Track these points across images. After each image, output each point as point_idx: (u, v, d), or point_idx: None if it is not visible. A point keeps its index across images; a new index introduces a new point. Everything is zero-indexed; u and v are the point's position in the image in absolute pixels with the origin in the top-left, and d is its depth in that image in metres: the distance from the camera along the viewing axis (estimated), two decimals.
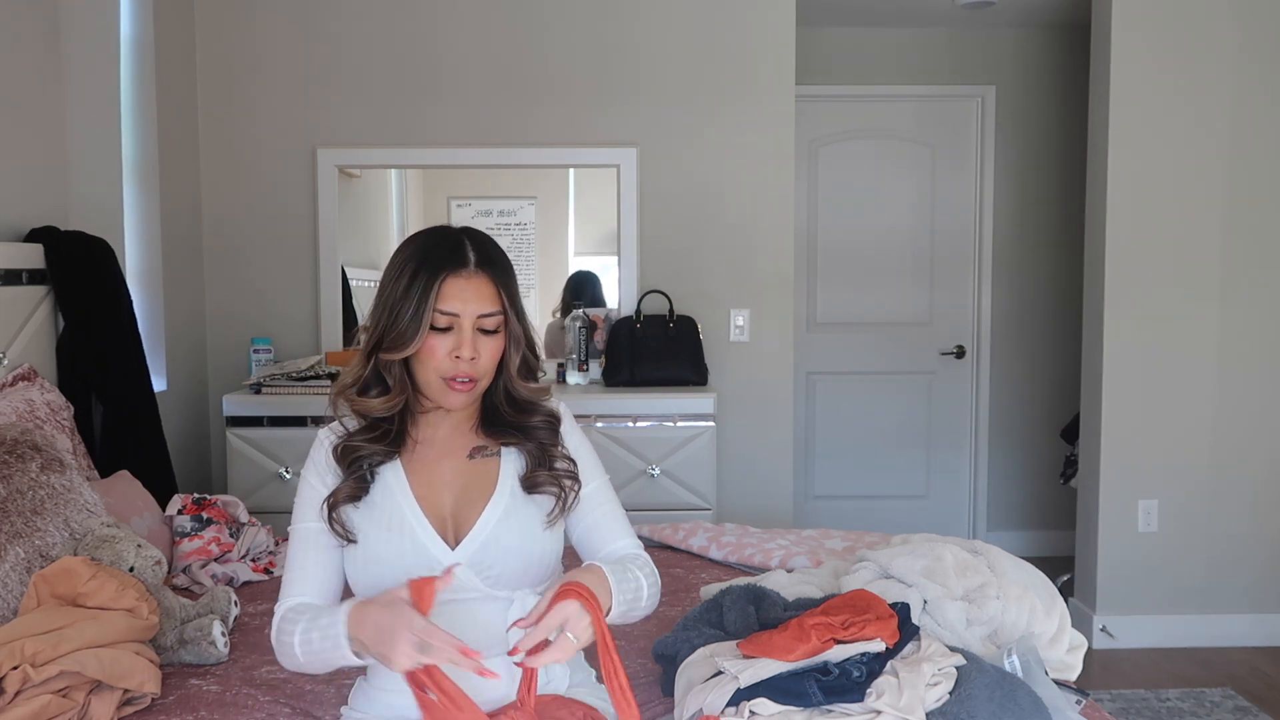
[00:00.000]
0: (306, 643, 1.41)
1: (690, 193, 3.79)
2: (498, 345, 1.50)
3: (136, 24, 3.27)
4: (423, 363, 1.48)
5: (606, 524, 1.59)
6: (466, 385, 1.48)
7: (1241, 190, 3.64)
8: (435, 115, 3.73)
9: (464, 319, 1.46)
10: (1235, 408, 3.69)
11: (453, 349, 1.46)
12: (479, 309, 1.47)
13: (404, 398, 1.51)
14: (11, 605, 1.91)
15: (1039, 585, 1.84)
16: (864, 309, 4.76)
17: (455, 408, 1.52)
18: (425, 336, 1.45)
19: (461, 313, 1.46)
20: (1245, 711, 3.19)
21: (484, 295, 1.48)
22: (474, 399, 1.53)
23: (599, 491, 1.60)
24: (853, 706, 1.40)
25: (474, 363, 1.47)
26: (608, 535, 1.58)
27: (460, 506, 1.52)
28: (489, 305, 1.48)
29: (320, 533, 1.51)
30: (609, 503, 1.61)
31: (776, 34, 3.74)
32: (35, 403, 2.51)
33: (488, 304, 1.48)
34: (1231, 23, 3.59)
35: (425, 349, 1.46)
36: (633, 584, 1.47)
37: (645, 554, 1.59)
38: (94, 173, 3.12)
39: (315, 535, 1.51)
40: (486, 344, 1.49)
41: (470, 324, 1.47)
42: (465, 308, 1.46)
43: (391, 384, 1.50)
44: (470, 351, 1.46)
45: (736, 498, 3.78)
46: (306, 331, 3.77)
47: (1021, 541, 4.71)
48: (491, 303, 1.48)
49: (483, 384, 1.51)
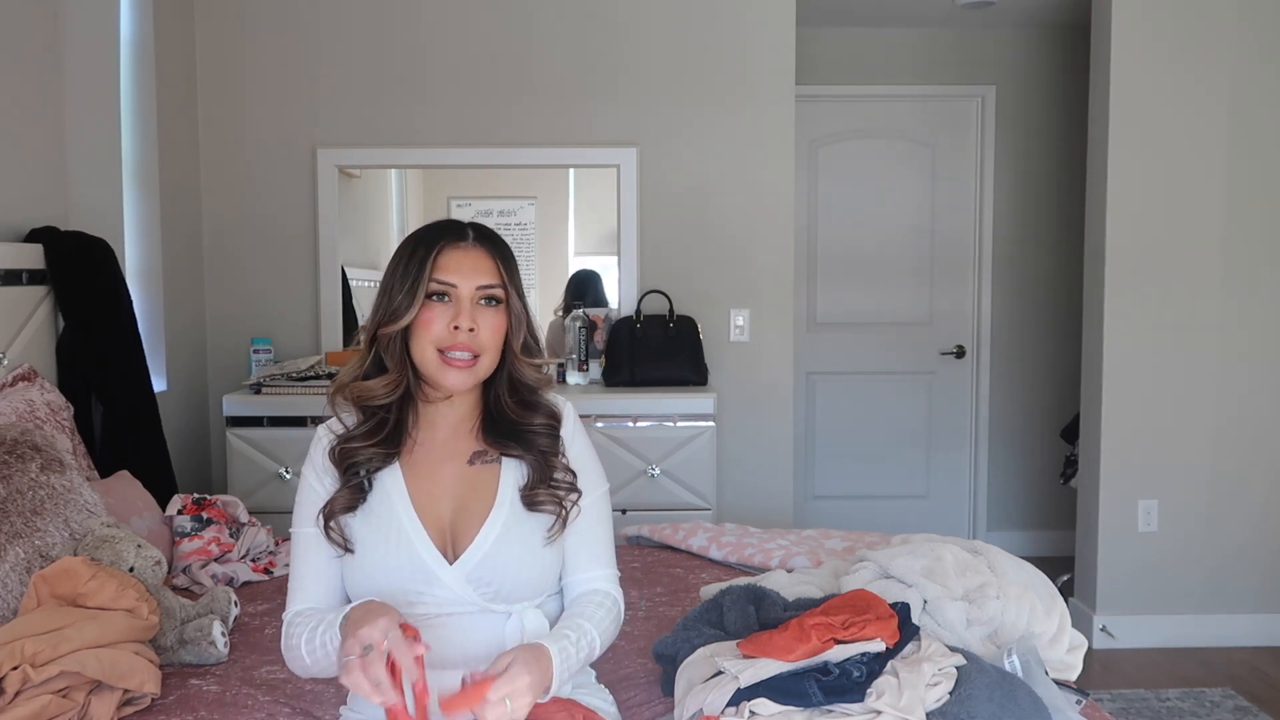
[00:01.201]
0: (312, 650, 1.42)
1: (690, 193, 3.79)
2: (499, 321, 1.47)
3: (136, 24, 3.27)
4: (419, 337, 1.45)
5: (588, 548, 1.55)
6: (464, 362, 1.45)
7: (1242, 190, 3.64)
8: (435, 115, 3.73)
9: (461, 289, 1.45)
10: (1236, 407, 3.69)
11: (451, 319, 1.44)
12: (477, 280, 1.45)
13: (404, 379, 1.48)
14: (11, 605, 1.91)
15: (1039, 585, 1.84)
16: (864, 309, 4.76)
17: (454, 388, 1.47)
18: (421, 304, 1.43)
19: (459, 284, 1.45)
20: (1245, 711, 3.19)
21: (482, 268, 1.46)
22: (474, 381, 1.48)
23: (592, 508, 1.56)
24: (853, 706, 1.40)
25: (473, 335, 1.44)
26: (585, 560, 1.55)
27: (459, 518, 1.50)
28: (488, 277, 1.46)
29: (316, 538, 1.50)
30: (597, 523, 1.57)
31: (776, 34, 3.74)
32: (35, 403, 2.51)
33: (486, 276, 1.46)
34: (1231, 22, 3.59)
35: (422, 321, 1.44)
36: (583, 651, 1.43)
37: (615, 590, 1.56)
38: (94, 173, 3.11)
39: (314, 539, 1.50)
40: (486, 317, 1.46)
41: (469, 295, 1.45)
42: (463, 279, 1.45)
43: (390, 366, 1.48)
44: (469, 322, 1.44)
45: (736, 498, 3.78)
46: (306, 332, 3.77)
47: (1021, 541, 4.71)
48: (490, 275, 1.46)
49: (483, 362, 1.47)
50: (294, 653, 1.45)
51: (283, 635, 1.48)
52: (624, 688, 1.78)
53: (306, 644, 1.42)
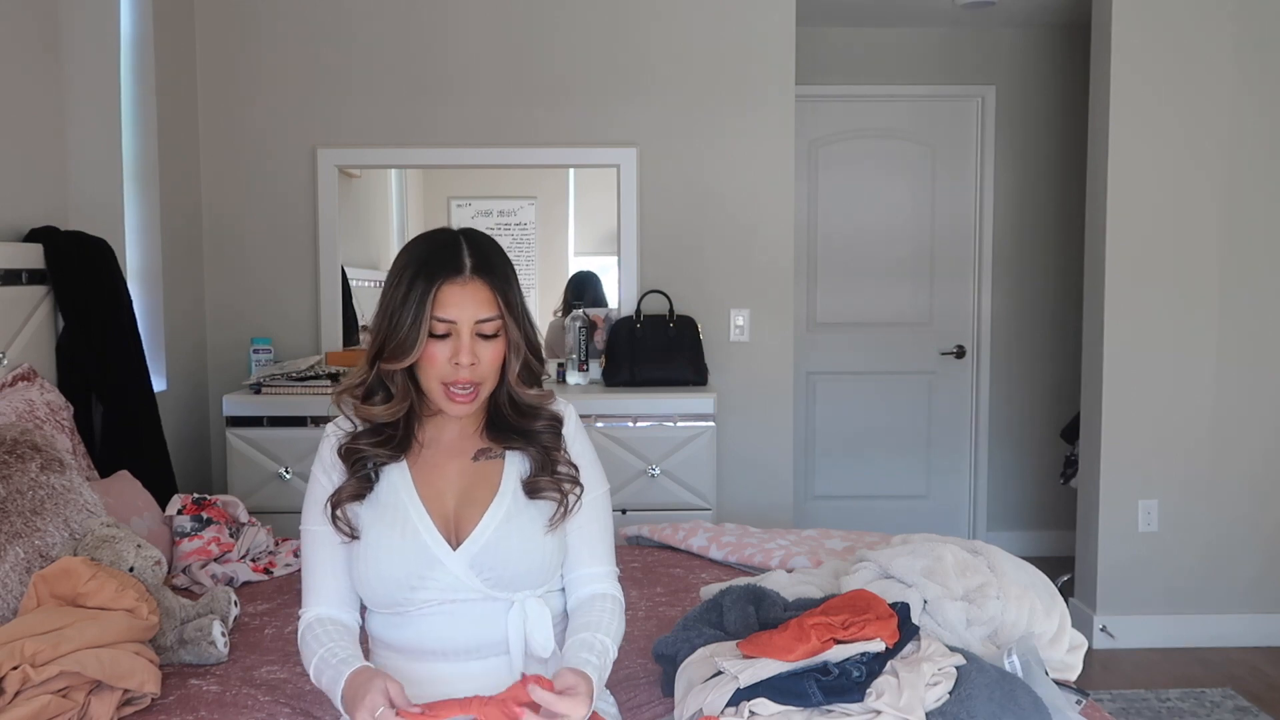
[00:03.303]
0: (318, 677, 1.49)
1: (690, 193, 3.79)
2: (498, 350, 1.50)
3: (136, 24, 3.27)
4: (424, 370, 1.49)
5: (589, 546, 1.60)
6: (466, 395, 1.49)
7: (1241, 190, 3.64)
8: (435, 115, 3.72)
9: (461, 325, 1.47)
10: (1235, 407, 3.69)
11: (452, 355, 1.47)
12: (475, 314, 1.47)
13: (407, 405, 1.52)
14: (11, 605, 1.91)
15: (1039, 585, 1.84)
16: (864, 309, 4.76)
17: (459, 415, 1.53)
18: (425, 345, 1.46)
19: (458, 319, 1.47)
20: (1245, 711, 3.19)
21: (480, 300, 1.48)
22: (476, 407, 1.53)
23: (592, 505, 1.60)
24: (853, 706, 1.40)
25: (473, 368, 1.48)
26: (587, 558, 1.59)
27: (462, 507, 1.53)
28: (485, 310, 1.48)
29: (327, 537, 1.54)
30: (598, 521, 1.61)
31: (776, 34, 3.74)
32: (35, 403, 2.51)
33: (484, 309, 1.48)
34: (1231, 23, 3.59)
35: (425, 357, 1.47)
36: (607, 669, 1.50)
37: (615, 590, 1.60)
38: (94, 173, 3.11)
39: (325, 537, 1.54)
40: (486, 349, 1.49)
41: (468, 330, 1.47)
42: (462, 314, 1.47)
43: (394, 391, 1.52)
44: (469, 357, 1.47)
45: (736, 498, 3.78)
46: (306, 331, 3.77)
47: (1021, 541, 4.71)
48: (488, 308, 1.48)
49: (485, 388, 1.52)
50: (307, 660, 1.52)
51: (299, 636, 1.55)
52: (624, 688, 1.78)
53: (315, 671, 1.50)
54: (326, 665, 1.47)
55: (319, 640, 1.51)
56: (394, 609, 1.51)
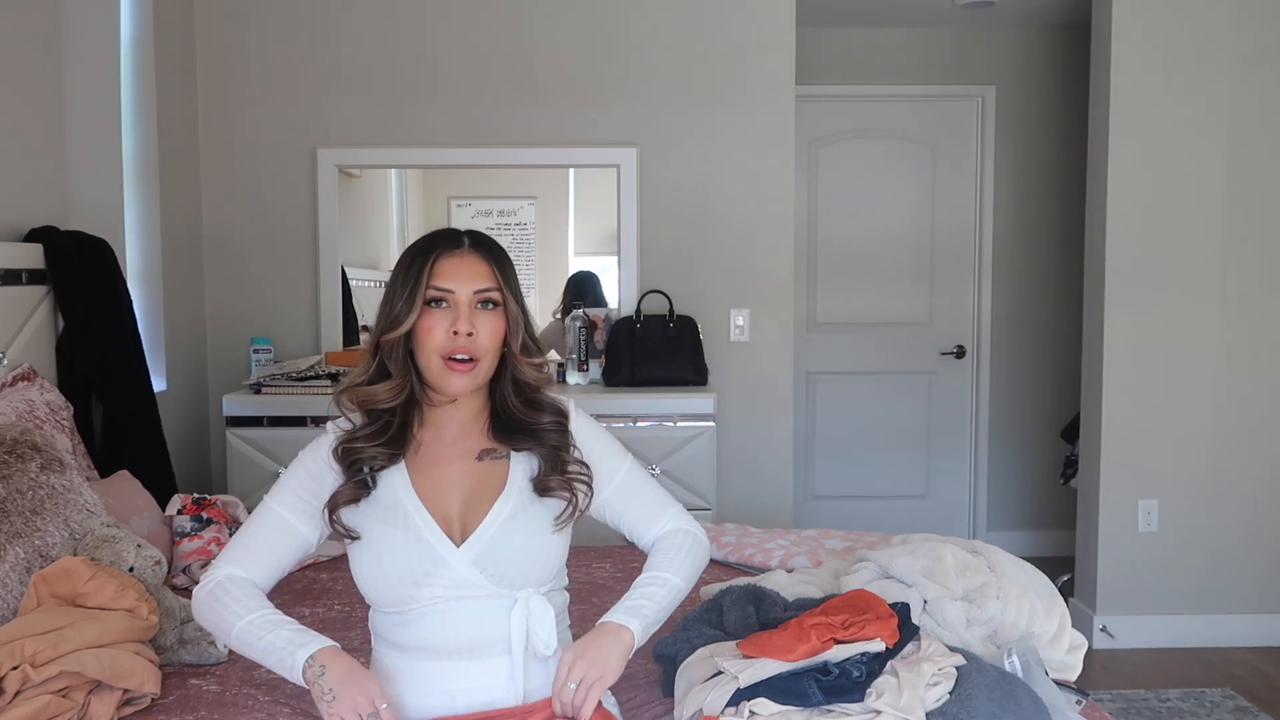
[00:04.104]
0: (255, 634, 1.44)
1: (690, 193, 3.78)
2: (497, 324, 1.51)
3: (136, 24, 3.27)
4: (423, 345, 1.49)
5: (645, 511, 1.64)
6: (465, 365, 1.48)
7: (1241, 190, 3.63)
8: (435, 115, 3.72)
9: (459, 295, 1.49)
10: (1235, 407, 3.69)
11: (450, 325, 1.48)
12: (474, 285, 1.49)
13: (408, 383, 1.51)
14: (11, 605, 1.91)
15: (1039, 585, 1.84)
16: (864, 309, 4.76)
17: (457, 391, 1.51)
18: (419, 311, 1.47)
19: (456, 289, 1.49)
20: (1245, 712, 3.19)
21: (478, 272, 1.50)
22: (475, 384, 1.51)
23: (628, 476, 1.63)
24: (853, 706, 1.40)
25: (472, 339, 1.48)
26: (650, 520, 1.64)
27: (468, 506, 1.53)
28: (484, 281, 1.50)
29: (284, 521, 1.53)
30: (641, 485, 1.64)
31: (776, 34, 3.74)
32: (35, 403, 2.51)
33: (482, 280, 1.50)
34: (1231, 22, 3.59)
35: (423, 328, 1.48)
36: (654, 606, 1.53)
37: (686, 524, 1.64)
38: (94, 173, 3.11)
39: (279, 520, 1.54)
40: (484, 321, 1.49)
41: (466, 300, 1.49)
42: (460, 284, 1.49)
43: (394, 371, 1.51)
44: (467, 326, 1.47)
45: (736, 498, 3.78)
46: (306, 331, 3.77)
47: (1021, 541, 4.71)
48: (486, 279, 1.50)
49: (484, 365, 1.50)
50: (219, 609, 1.47)
51: (210, 584, 1.50)
52: (624, 688, 1.77)
53: (249, 628, 1.45)
54: (273, 626, 1.45)
55: (250, 599, 1.48)
56: (399, 607, 1.50)
